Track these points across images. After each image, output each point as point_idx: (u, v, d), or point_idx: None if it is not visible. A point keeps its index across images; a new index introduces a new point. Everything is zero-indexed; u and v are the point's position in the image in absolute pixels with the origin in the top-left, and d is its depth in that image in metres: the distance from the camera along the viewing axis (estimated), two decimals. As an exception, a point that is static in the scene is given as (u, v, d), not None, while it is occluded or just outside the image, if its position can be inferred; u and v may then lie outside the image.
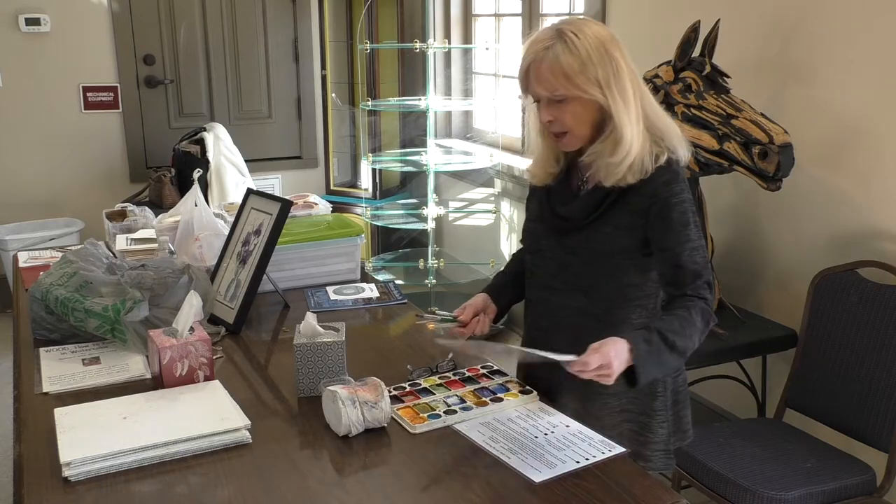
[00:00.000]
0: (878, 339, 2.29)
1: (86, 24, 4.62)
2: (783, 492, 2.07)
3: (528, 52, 1.59)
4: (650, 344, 1.51)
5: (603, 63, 1.56)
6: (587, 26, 1.59)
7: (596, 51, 1.56)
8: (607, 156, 1.60)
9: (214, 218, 2.40)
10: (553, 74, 1.56)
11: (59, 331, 1.91)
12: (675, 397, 1.78)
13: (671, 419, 1.77)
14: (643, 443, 1.75)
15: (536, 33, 1.61)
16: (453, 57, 4.82)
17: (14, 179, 4.63)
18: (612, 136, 1.60)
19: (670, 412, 1.77)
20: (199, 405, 1.57)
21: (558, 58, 1.55)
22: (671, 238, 1.60)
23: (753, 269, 2.95)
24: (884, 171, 2.48)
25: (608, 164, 1.60)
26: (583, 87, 1.56)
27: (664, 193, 1.60)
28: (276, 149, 5.25)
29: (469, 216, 4.74)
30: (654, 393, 1.74)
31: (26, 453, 1.46)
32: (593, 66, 1.56)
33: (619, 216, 1.63)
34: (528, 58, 1.59)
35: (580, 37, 1.56)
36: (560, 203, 1.72)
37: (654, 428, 1.75)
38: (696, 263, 1.60)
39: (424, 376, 1.74)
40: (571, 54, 1.55)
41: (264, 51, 5.10)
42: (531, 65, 1.58)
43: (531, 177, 1.78)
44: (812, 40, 2.65)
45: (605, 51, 1.57)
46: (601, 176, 1.63)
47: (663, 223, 1.60)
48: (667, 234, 1.60)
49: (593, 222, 1.65)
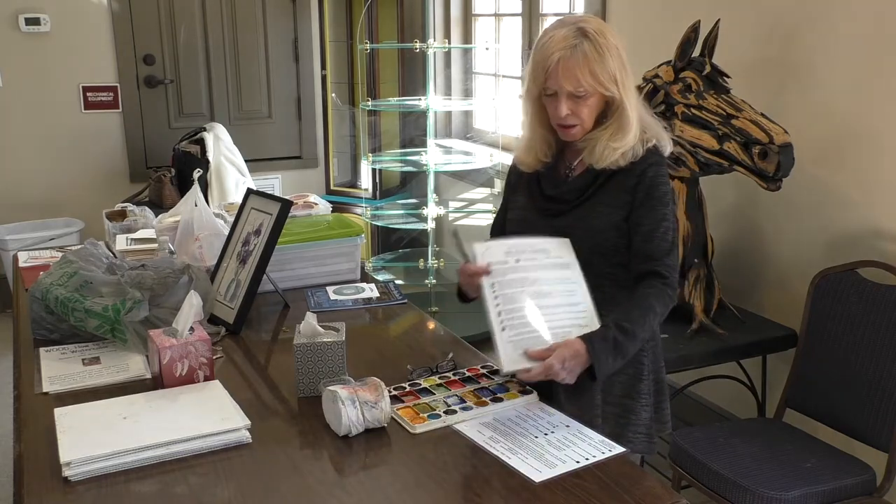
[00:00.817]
0: (878, 339, 2.29)
1: (86, 24, 4.62)
2: (783, 492, 2.07)
3: (553, 48, 1.65)
4: (606, 340, 1.59)
5: (619, 63, 1.68)
6: (602, 25, 1.70)
7: (616, 52, 1.67)
8: (607, 139, 1.70)
9: (214, 218, 2.40)
10: (581, 72, 1.65)
11: (59, 331, 1.91)
12: (656, 386, 1.85)
13: (653, 404, 1.83)
14: (624, 425, 1.80)
15: (556, 29, 1.68)
16: (453, 57, 4.83)
17: (14, 179, 4.63)
18: (617, 124, 1.71)
19: (652, 398, 1.83)
20: (199, 405, 1.57)
21: (587, 56, 1.64)
22: (651, 215, 1.72)
23: (753, 269, 2.95)
24: (884, 171, 2.48)
25: (608, 147, 1.70)
26: (605, 84, 1.67)
27: (651, 173, 1.72)
28: (276, 149, 5.26)
29: (469, 216, 4.74)
30: (638, 376, 1.80)
31: (26, 453, 1.46)
32: (613, 65, 1.66)
33: (610, 194, 1.73)
34: (555, 52, 1.65)
35: (602, 37, 1.66)
36: (551, 187, 1.80)
37: (638, 410, 1.80)
38: (667, 241, 1.72)
39: (424, 376, 1.74)
40: (598, 54, 1.65)
41: (264, 51, 5.10)
42: (560, 60, 1.65)
43: (520, 164, 1.84)
44: (812, 40, 2.65)
45: (618, 51, 1.68)
46: (595, 159, 1.72)
47: (646, 200, 1.72)
48: (648, 210, 1.72)
49: (586, 201, 1.75)
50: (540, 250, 1.68)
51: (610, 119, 1.72)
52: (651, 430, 1.83)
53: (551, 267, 1.66)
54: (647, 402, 1.81)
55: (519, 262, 1.66)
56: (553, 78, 1.66)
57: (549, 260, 1.67)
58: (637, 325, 1.64)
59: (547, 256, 1.67)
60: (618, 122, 1.71)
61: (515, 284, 1.63)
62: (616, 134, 1.70)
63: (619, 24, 3.41)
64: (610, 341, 1.59)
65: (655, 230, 1.71)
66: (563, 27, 1.67)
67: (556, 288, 1.64)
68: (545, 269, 1.66)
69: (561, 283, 1.65)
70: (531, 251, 1.67)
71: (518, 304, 1.61)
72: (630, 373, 1.79)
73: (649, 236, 1.71)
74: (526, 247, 1.68)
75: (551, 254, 1.68)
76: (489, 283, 1.63)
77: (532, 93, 1.74)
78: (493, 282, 1.63)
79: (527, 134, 1.81)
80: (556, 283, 1.65)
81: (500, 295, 1.62)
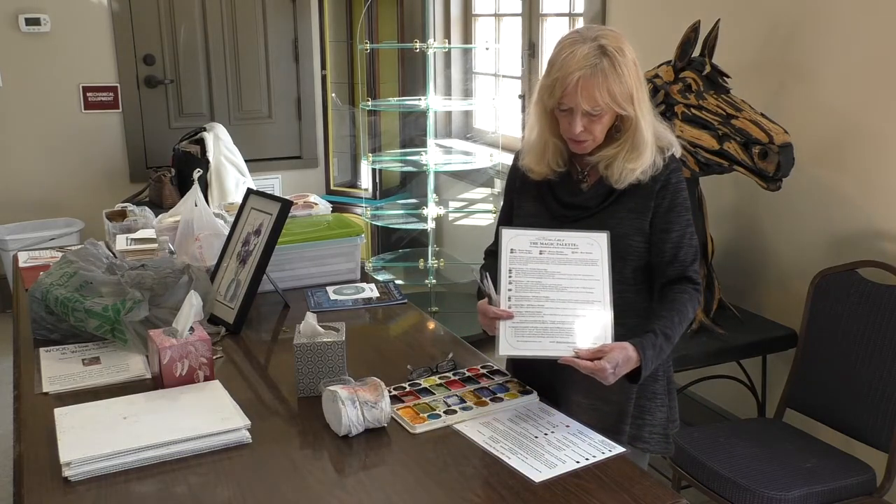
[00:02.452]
0: (878, 339, 2.29)
1: (86, 24, 4.62)
2: (783, 492, 2.07)
3: (575, 65, 1.61)
4: (655, 348, 1.63)
5: (635, 79, 1.65)
6: (621, 41, 1.65)
7: (633, 68, 1.64)
8: (624, 160, 1.69)
9: (214, 218, 2.39)
10: (600, 92, 1.61)
11: (59, 331, 1.91)
12: (668, 386, 1.85)
13: (668, 404, 1.83)
14: (641, 426, 1.79)
15: (576, 44, 1.62)
16: (453, 57, 4.83)
17: (14, 179, 4.63)
18: (631, 143, 1.68)
19: (667, 397, 1.83)
20: (199, 405, 1.57)
21: (606, 76, 1.61)
22: (679, 220, 1.73)
23: (753, 269, 2.95)
24: (884, 171, 2.48)
25: (625, 169, 1.69)
26: (622, 104, 1.64)
27: (674, 179, 1.73)
28: (276, 149, 5.25)
29: (469, 216, 4.74)
30: (654, 376, 1.79)
31: (26, 453, 1.46)
32: (630, 84, 1.64)
33: (632, 200, 1.72)
34: (576, 72, 1.61)
35: (621, 55, 1.62)
36: (568, 194, 1.77)
37: (653, 411, 1.80)
38: (694, 247, 1.75)
39: (424, 376, 1.74)
40: (616, 73, 1.61)
41: (264, 51, 5.10)
42: (580, 79, 1.61)
43: (530, 173, 1.81)
44: (812, 40, 2.65)
45: (635, 66, 1.65)
46: (614, 179, 1.70)
47: (672, 206, 1.72)
48: (676, 216, 1.73)
49: (608, 207, 1.73)
50: (568, 245, 1.67)
51: (624, 134, 1.69)
52: (667, 429, 1.83)
53: (576, 262, 1.65)
54: (662, 403, 1.81)
55: (542, 254, 1.66)
56: (571, 96, 1.63)
57: (576, 255, 1.66)
58: (676, 331, 1.68)
59: (574, 252, 1.66)
60: (632, 140, 1.68)
61: (533, 275, 1.64)
62: (631, 153, 1.68)
63: (619, 25, 3.41)
64: (658, 349, 1.63)
65: (684, 236, 1.73)
66: (583, 43, 1.62)
67: (574, 284, 1.63)
68: (568, 264, 1.65)
69: (581, 280, 1.64)
70: (558, 245, 1.67)
71: (529, 292, 1.63)
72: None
73: (680, 242, 1.73)
74: (554, 239, 1.67)
75: (580, 249, 1.66)
76: (507, 268, 1.64)
77: (546, 105, 1.71)
78: (511, 268, 1.65)
79: (537, 144, 1.77)
80: (575, 279, 1.64)
81: (514, 282, 1.64)
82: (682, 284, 1.73)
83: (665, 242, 1.73)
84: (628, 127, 1.68)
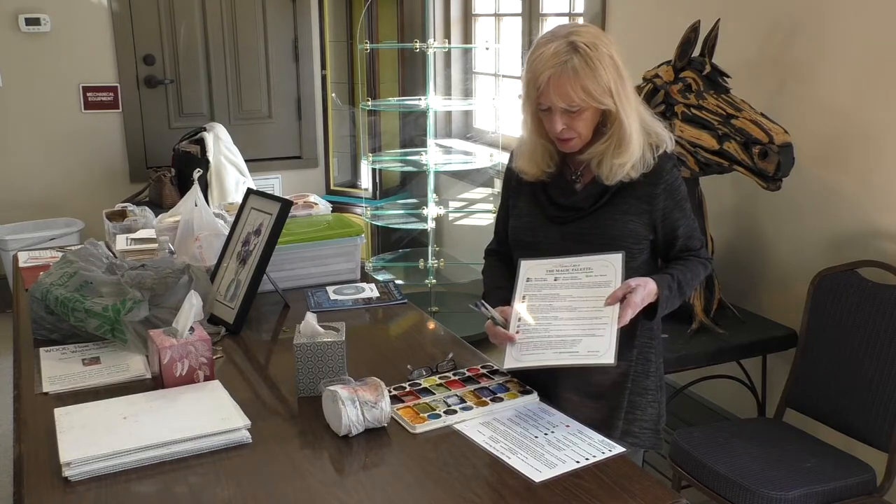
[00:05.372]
0: (878, 339, 2.29)
1: (86, 24, 4.62)
2: (783, 492, 2.07)
3: (544, 64, 1.62)
4: (671, 290, 1.70)
5: (613, 73, 1.64)
6: (595, 36, 1.65)
7: (608, 61, 1.63)
8: (612, 157, 1.69)
9: (214, 218, 2.39)
10: (573, 89, 1.62)
11: (59, 331, 1.91)
12: (658, 382, 1.86)
13: (658, 399, 1.85)
14: (632, 420, 1.81)
15: (548, 43, 1.64)
16: (453, 57, 4.83)
17: (14, 179, 4.63)
18: (616, 138, 1.69)
19: (658, 393, 1.85)
20: (199, 405, 1.57)
21: (578, 72, 1.61)
22: (683, 216, 1.77)
23: (753, 269, 2.95)
24: (884, 170, 2.48)
25: (613, 165, 1.69)
26: (599, 98, 1.64)
27: (669, 179, 1.74)
28: (275, 149, 5.26)
29: (469, 216, 4.74)
30: (646, 372, 1.82)
31: (26, 453, 1.46)
32: (606, 78, 1.63)
33: (626, 202, 1.73)
34: (546, 70, 1.62)
35: (593, 50, 1.62)
36: (561, 195, 1.78)
37: (644, 406, 1.82)
38: (700, 238, 1.82)
39: (424, 376, 1.74)
40: (589, 68, 1.61)
41: (264, 51, 5.10)
42: (551, 78, 1.62)
43: (523, 174, 1.82)
44: (812, 40, 2.65)
45: (612, 60, 1.64)
46: (605, 176, 1.71)
47: (673, 202, 1.75)
48: (680, 213, 1.76)
49: (601, 208, 1.74)
50: (583, 269, 1.69)
51: (609, 129, 1.69)
52: (657, 424, 1.85)
53: (588, 285, 1.67)
54: (653, 398, 1.83)
55: (557, 281, 1.69)
56: (545, 95, 1.64)
57: (589, 279, 1.68)
58: (688, 285, 1.74)
59: (588, 275, 1.68)
60: (617, 135, 1.68)
61: (545, 300, 1.68)
62: (617, 149, 1.68)
63: (619, 25, 3.41)
64: (672, 292, 1.69)
65: (689, 225, 1.78)
66: (553, 41, 1.63)
67: (584, 304, 1.65)
68: (580, 287, 1.67)
69: (591, 301, 1.65)
70: (573, 270, 1.70)
71: (538, 313, 1.66)
72: (638, 370, 1.81)
73: (689, 235, 1.78)
74: (570, 265, 1.70)
75: (594, 272, 1.68)
76: (521, 294, 1.70)
77: (528, 106, 1.72)
78: (525, 294, 1.69)
79: (528, 144, 1.79)
80: (585, 301, 1.65)
81: (527, 307, 1.68)
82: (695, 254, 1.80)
83: (674, 238, 1.78)
84: (612, 122, 1.69)
